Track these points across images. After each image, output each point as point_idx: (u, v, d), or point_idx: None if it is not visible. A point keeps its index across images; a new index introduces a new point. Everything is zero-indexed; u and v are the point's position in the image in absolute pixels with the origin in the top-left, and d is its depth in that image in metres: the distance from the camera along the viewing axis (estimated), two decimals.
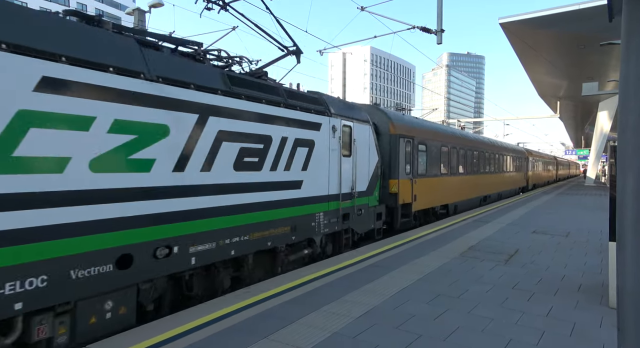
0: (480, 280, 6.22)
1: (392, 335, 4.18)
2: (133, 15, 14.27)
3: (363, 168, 9.24)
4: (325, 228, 7.90)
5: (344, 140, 8.53)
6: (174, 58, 5.38)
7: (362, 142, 9.21)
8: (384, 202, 10.66)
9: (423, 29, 12.32)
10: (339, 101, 9.09)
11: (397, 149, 10.98)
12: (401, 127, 11.41)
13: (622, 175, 2.34)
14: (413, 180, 11.72)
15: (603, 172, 48.48)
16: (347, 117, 8.71)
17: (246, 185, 6.02)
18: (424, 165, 12.68)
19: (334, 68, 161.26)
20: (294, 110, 7.08)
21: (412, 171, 11.68)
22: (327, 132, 7.93)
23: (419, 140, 12.36)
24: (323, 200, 7.79)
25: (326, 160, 7.89)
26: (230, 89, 5.91)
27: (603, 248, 8.62)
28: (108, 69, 4.34)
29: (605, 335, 4.24)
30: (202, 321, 4.48)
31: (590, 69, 24.65)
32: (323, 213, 7.81)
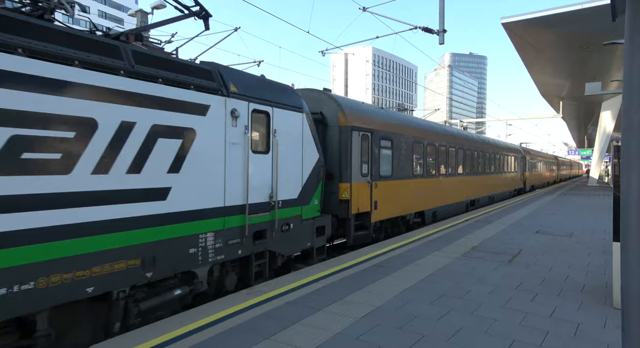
0: (484, 281, 6.20)
1: (395, 335, 4.17)
2: (136, 17, 14.32)
3: (292, 169, 7.21)
4: (218, 255, 5.75)
5: (257, 132, 6.54)
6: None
7: (289, 135, 7.16)
8: (332, 211, 8.69)
9: (425, 29, 12.30)
10: (250, 78, 6.75)
11: (348, 144, 8.89)
12: (355, 117, 9.29)
13: (626, 175, 2.33)
14: (372, 184, 9.68)
15: (606, 172, 48.30)
16: (261, 99, 6.59)
17: (25, 199, 3.76)
18: (388, 165, 10.62)
19: (336, 69, 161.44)
20: (150, 82, 4.93)
21: (371, 172, 9.67)
22: (220, 119, 5.76)
23: (383, 135, 10.31)
24: (214, 214, 5.63)
25: (220, 158, 5.75)
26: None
27: (607, 249, 8.58)
28: None
29: (610, 336, 4.22)
30: (205, 321, 4.48)
31: (593, 68, 24.57)
32: (214, 233, 5.63)
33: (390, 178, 10.65)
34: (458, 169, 15.89)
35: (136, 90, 4.77)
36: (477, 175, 18.27)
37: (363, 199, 9.37)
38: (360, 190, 9.26)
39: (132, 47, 4.96)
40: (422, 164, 12.67)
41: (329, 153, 8.92)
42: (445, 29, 11.84)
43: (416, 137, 12.32)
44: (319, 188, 8.03)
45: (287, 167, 7.13)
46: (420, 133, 12.72)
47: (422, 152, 12.75)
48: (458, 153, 15.87)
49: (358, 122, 9.33)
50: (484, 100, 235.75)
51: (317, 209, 8.00)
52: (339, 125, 8.95)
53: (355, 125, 9.15)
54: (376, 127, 10.08)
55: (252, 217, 6.33)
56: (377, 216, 9.95)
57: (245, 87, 6.38)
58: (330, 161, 8.87)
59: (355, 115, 9.35)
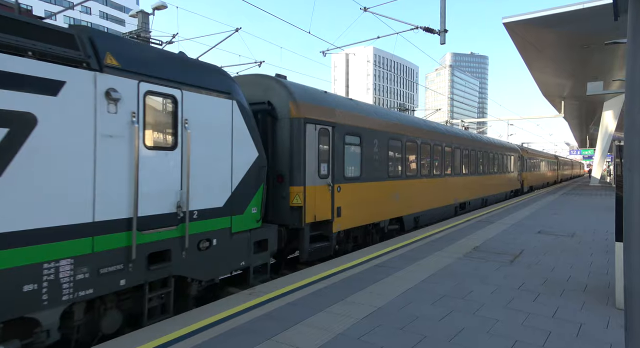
0: (485, 281, 6.18)
1: (397, 336, 4.16)
2: (137, 18, 14.34)
3: (214, 170, 5.71)
4: (82, 290, 4.25)
5: (156, 121, 5.06)
6: None
7: (210, 127, 5.68)
8: (283, 221, 7.52)
9: (426, 29, 12.29)
10: (146, 50, 5.23)
11: (301, 140, 7.59)
12: (311, 108, 7.91)
13: (629, 174, 2.32)
14: (334, 187, 8.34)
15: (608, 172, 48.22)
16: (162, 79, 5.13)
17: None
18: (356, 165, 9.27)
19: (337, 69, 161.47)
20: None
21: (332, 173, 8.33)
22: (85, 101, 4.34)
23: (349, 130, 8.95)
24: (73, 233, 4.18)
25: (84, 155, 4.30)
26: None
27: (609, 249, 8.56)
28: None
29: (613, 337, 4.21)
30: (206, 322, 4.48)
31: (595, 68, 24.52)
32: (73, 260, 4.17)
33: (358, 180, 9.27)
34: (445, 169, 14.41)
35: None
36: (467, 176, 16.74)
37: (322, 205, 8.00)
38: (318, 194, 7.92)
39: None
40: (400, 163, 11.27)
41: (279, 151, 7.63)
42: (446, 28, 11.84)
43: (393, 133, 10.91)
44: (259, 194, 6.49)
45: (207, 168, 5.62)
46: (399, 129, 11.28)
47: (401, 150, 11.32)
48: (445, 151, 14.39)
49: (315, 113, 7.98)
50: (486, 100, 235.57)
51: (256, 219, 6.45)
52: (289, 117, 7.59)
53: (310, 117, 7.80)
54: (340, 121, 8.68)
55: (145, 233, 4.82)
56: (341, 224, 8.54)
57: (135, 60, 4.89)
58: (281, 160, 7.60)
59: (311, 105, 7.95)
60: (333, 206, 8.34)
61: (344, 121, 8.86)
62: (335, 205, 8.42)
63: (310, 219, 7.73)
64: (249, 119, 6.39)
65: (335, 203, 8.40)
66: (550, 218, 13.70)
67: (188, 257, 5.37)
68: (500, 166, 21.82)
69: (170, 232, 5.15)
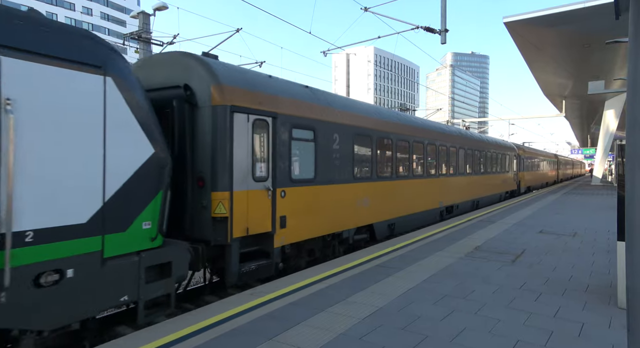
0: (487, 281, 6.17)
1: (398, 336, 4.16)
2: (138, 19, 14.37)
3: (70, 171, 4.21)
4: None
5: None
6: None
7: (59, 111, 4.14)
8: (200, 236, 6.07)
9: (427, 29, 12.28)
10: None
11: (227, 132, 6.12)
12: (242, 93, 6.45)
13: (631, 173, 2.32)
14: (276, 192, 6.92)
15: (610, 171, 48.15)
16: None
17: None
18: (309, 165, 7.85)
19: (338, 69, 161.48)
20: None
21: (274, 174, 6.91)
22: None
23: (298, 122, 7.51)
24: None
25: None
26: None
27: (611, 248, 8.55)
28: None
29: (614, 336, 4.19)
30: (207, 323, 4.48)
31: (596, 67, 24.49)
32: None
33: (312, 183, 7.85)
34: (428, 169, 13.01)
35: None
36: (455, 176, 15.24)
37: (257, 214, 6.59)
38: (252, 201, 6.50)
39: None
40: (370, 163, 9.82)
41: (199, 147, 6.20)
42: (447, 28, 11.82)
43: (362, 128, 9.45)
44: (156, 203, 5.01)
45: (53, 168, 4.06)
46: (368, 123, 9.80)
47: (372, 148, 9.86)
48: (428, 150, 12.91)
49: (248, 100, 6.52)
50: (487, 100, 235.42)
51: (150, 236, 4.96)
52: (211, 104, 6.11)
53: (241, 104, 6.35)
54: (286, 111, 7.22)
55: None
56: (286, 237, 7.18)
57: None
58: (202, 159, 6.17)
59: (242, 91, 6.48)
60: (274, 215, 6.89)
61: (292, 111, 7.37)
62: (278, 213, 6.96)
63: (240, 233, 6.27)
64: (140, 104, 4.87)
65: (277, 211, 6.94)
66: (551, 217, 13.68)
67: (13, 298, 3.72)
68: (493, 165, 20.39)
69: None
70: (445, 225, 11.79)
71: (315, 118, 8.01)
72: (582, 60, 23.39)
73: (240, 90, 6.48)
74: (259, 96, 6.80)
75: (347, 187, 8.95)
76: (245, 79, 6.80)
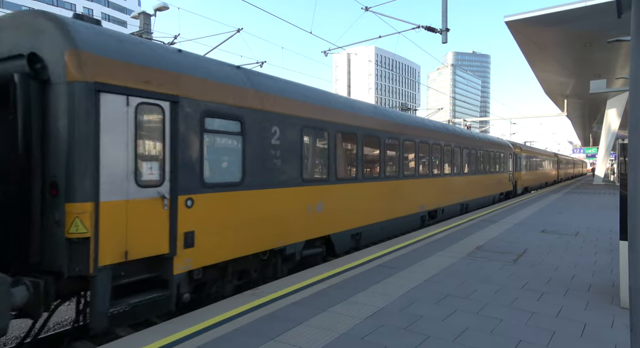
0: (489, 281, 6.16)
1: (400, 336, 4.15)
2: (139, 19, 14.38)
3: None
4: None
5: None
6: None
7: None
8: (47, 263, 4.48)
9: (428, 29, 12.27)
10: None
11: (89, 119, 4.54)
12: (117, 66, 4.82)
13: (633, 172, 2.31)
14: (177, 200, 5.30)
15: (612, 171, 48.05)
16: None
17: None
18: (233, 165, 6.29)
19: (339, 69, 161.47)
20: None
21: (174, 177, 5.30)
22: None
23: (215, 109, 5.88)
24: None
25: None
26: None
27: (613, 248, 8.52)
28: None
29: (617, 336, 4.18)
30: (209, 323, 4.48)
31: (598, 66, 24.44)
32: None
33: (238, 188, 6.22)
34: (405, 169, 11.45)
35: None
36: (439, 177, 13.64)
37: (144, 231, 4.96)
38: (135, 213, 4.87)
39: None
40: (327, 162, 8.31)
41: (52, 140, 4.57)
42: (448, 27, 11.81)
43: (314, 119, 7.89)
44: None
45: None
46: (325, 114, 8.22)
47: (329, 143, 8.33)
48: (405, 147, 11.39)
49: (128, 77, 4.88)
50: (488, 99, 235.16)
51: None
52: (65, 80, 4.47)
53: (112, 81, 4.73)
54: (194, 94, 5.55)
55: None
56: (196, 259, 5.51)
57: None
58: (56, 158, 4.53)
59: (115, 62, 4.80)
60: (174, 232, 5.24)
61: (206, 96, 5.72)
62: (182, 229, 5.32)
63: (114, 258, 4.64)
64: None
65: (180, 226, 5.31)
66: (553, 217, 13.65)
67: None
68: (485, 164, 18.81)
69: None
70: (447, 225, 11.77)
71: (244, 106, 6.34)
72: (583, 59, 23.34)
73: (114, 63, 4.76)
74: (147, 72, 5.07)
75: (293, 192, 7.34)
76: (127, 48, 5.03)
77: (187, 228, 5.44)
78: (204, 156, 5.73)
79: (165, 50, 5.69)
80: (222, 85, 6.12)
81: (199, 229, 5.57)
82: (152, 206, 5.07)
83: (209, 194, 5.77)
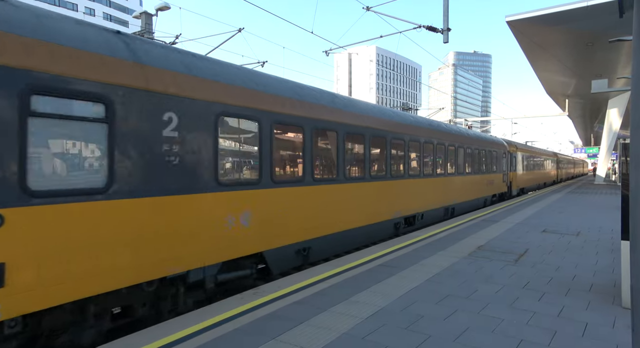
0: (490, 280, 6.16)
1: (401, 335, 4.15)
2: (140, 19, 14.39)
3: None
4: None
5: None
6: None
7: None
8: None
9: (429, 28, 12.26)
10: None
11: None
12: None
13: (635, 172, 2.30)
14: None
15: (613, 170, 47.97)
16: None
17: None
18: (92, 164, 4.73)
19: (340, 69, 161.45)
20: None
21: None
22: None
23: (49, 84, 4.21)
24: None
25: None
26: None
27: (615, 248, 8.51)
28: None
29: (619, 336, 4.17)
30: (210, 322, 4.48)
31: (599, 66, 24.41)
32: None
33: (99, 197, 4.57)
34: (371, 169, 9.80)
35: None
36: (417, 178, 12.04)
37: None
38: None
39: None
40: (258, 161, 6.66)
41: None
42: (449, 27, 11.80)
43: (233, 105, 6.19)
44: None
45: None
46: (251, 99, 6.51)
47: (261, 137, 6.66)
48: (371, 143, 9.68)
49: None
50: (489, 99, 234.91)
51: None
52: None
53: None
54: (10, 58, 3.95)
55: None
56: (5, 305, 3.86)
57: None
58: None
59: None
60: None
61: (29, 61, 4.06)
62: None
63: None
64: None
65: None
66: (555, 217, 13.63)
67: None
68: (475, 164, 17.29)
69: None
70: (448, 225, 11.76)
71: (113, 82, 4.70)
72: (585, 58, 23.31)
73: None
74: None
75: (201, 200, 5.66)
76: None
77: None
78: (28, 151, 4.01)
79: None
80: (68, 51, 4.36)
81: (15, 260, 3.89)
82: None
83: (37, 207, 4.04)
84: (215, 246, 5.88)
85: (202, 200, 5.70)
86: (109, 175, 4.66)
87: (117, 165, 4.74)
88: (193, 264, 5.56)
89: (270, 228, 6.83)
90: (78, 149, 4.64)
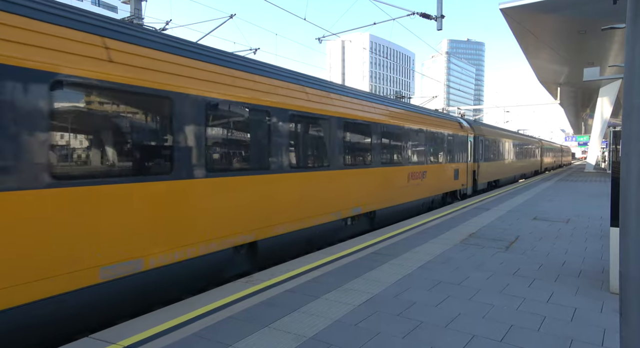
0: (481, 267, 6.23)
1: (393, 322, 4.19)
2: (130, 4, 14.10)
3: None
4: None
5: None
6: None
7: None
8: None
9: (423, 15, 12.17)
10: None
11: None
12: None
13: (626, 159, 2.32)
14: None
15: (603, 158, 48.50)
16: None
17: None
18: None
19: (333, 56, 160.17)
20: None
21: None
22: None
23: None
24: None
25: None
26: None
27: (603, 234, 8.63)
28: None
29: (606, 321, 4.26)
30: (203, 310, 4.49)
31: (591, 54, 24.49)
32: None
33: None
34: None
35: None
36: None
37: None
38: None
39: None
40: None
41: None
42: (443, 14, 11.72)
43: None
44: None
45: None
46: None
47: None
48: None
49: None
50: (482, 87, 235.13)
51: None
52: None
53: None
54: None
55: None
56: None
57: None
58: None
59: None
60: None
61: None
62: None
63: None
64: None
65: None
66: (545, 204, 13.78)
67: None
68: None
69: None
70: (441, 213, 11.84)
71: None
72: (577, 46, 23.35)
73: None
74: None
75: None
76: None
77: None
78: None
79: None
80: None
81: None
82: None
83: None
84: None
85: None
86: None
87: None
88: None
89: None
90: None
